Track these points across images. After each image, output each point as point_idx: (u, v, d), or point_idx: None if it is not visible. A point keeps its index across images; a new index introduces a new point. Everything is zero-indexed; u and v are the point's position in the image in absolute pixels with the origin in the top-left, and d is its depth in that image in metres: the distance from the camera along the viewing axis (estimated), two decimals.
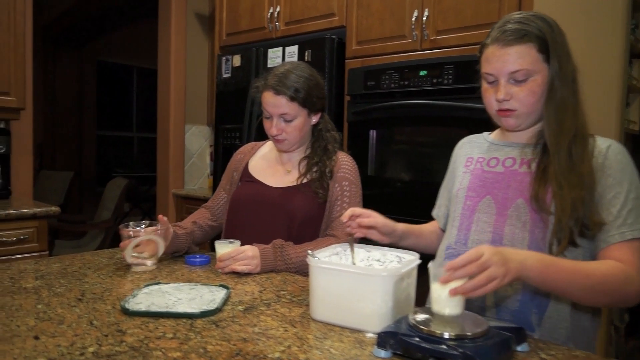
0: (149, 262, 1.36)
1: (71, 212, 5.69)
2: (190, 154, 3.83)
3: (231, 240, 1.39)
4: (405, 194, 2.33)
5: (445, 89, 2.18)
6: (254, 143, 1.75)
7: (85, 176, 6.73)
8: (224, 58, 3.12)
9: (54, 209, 2.44)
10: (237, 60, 3.04)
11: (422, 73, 2.25)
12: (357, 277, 0.93)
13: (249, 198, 1.55)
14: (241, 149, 1.74)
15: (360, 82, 2.47)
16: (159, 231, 1.37)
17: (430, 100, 2.22)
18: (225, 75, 3.12)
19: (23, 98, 2.65)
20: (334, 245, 1.15)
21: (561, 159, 1.08)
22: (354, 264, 1.08)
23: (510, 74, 1.09)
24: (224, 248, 1.35)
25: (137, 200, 6.73)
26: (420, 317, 0.85)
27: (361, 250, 1.12)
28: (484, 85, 1.17)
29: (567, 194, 1.04)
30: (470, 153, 1.28)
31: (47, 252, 2.40)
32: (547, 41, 1.09)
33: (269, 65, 2.84)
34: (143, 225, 1.40)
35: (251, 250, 1.34)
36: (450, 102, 2.15)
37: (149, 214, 6.81)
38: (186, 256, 1.46)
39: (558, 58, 1.09)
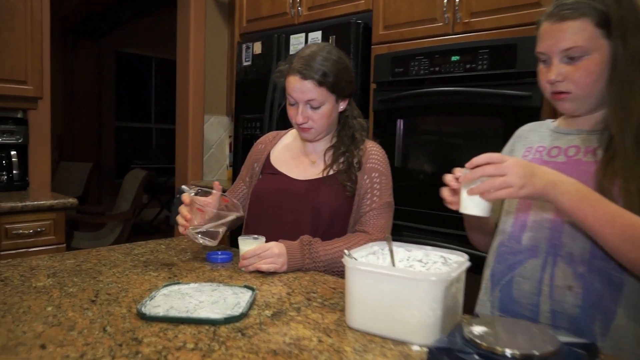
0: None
1: (90, 203, 5.69)
2: (209, 145, 3.75)
3: (255, 236, 1.29)
4: (434, 187, 2.20)
5: (479, 75, 2.04)
6: (275, 132, 1.65)
7: (104, 167, 6.73)
8: (244, 45, 3.02)
9: (72, 200, 2.37)
10: (257, 48, 2.93)
11: (454, 58, 2.12)
12: (402, 282, 0.82)
13: (272, 192, 1.45)
14: (262, 138, 1.64)
15: (388, 69, 2.34)
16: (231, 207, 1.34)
17: (463, 87, 2.08)
18: (245, 63, 3.02)
19: (40, 87, 2.59)
20: (370, 244, 1.04)
21: (627, 148, 0.95)
22: (393, 265, 0.97)
23: (563, 51, 0.98)
24: (247, 245, 1.25)
25: (155, 192, 6.70)
26: (477, 329, 0.74)
27: (400, 250, 1.01)
28: (539, 66, 1.06)
29: (634, 188, 0.92)
30: (530, 142, 1.16)
31: (64, 245, 2.34)
32: (609, 14, 0.96)
33: (291, 52, 2.73)
34: (196, 192, 1.31)
35: (277, 247, 1.24)
36: (485, 89, 2.02)
37: (167, 206, 6.79)
38: (207, 252, 1.37)
39: (622, 33, 0.97)
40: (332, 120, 1.43)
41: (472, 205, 0.90)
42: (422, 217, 2.22)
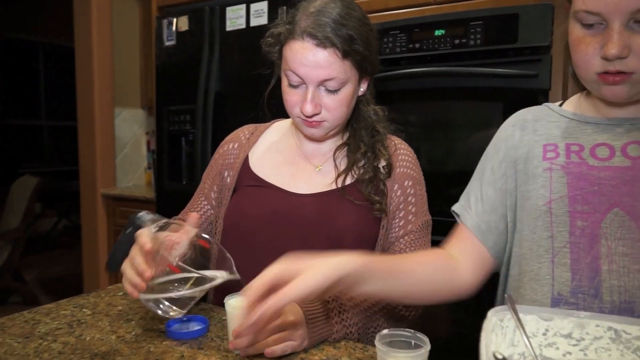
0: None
1: None
2: (122, 144, 3.11)
3: None
4: None
5: (471, 52, 1.71)
6: (253, 126, 1.17)
7: None
8: (165, 21, 2.45)
9: None
10: (183, 23, 2.38)
11: (439, 32, 1.76)
12: None
13: (263, 213, 0.98)
14: (233, 134, 1.16)
15: None
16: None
17: (451, 66, 1.74)
18: (168, 43, 2.45)
19: None
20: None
21: None
22: (531, 347, 0.57)
23: (633, 13, 0.65)
24: (241, 311, 0.78)
25: (51, 199, 5.77)
26: None
27: (531, 318, 0.61)
28: (577, 33, 0.71)
29: None
30: (546, 137, 0.83)
31: None
32: None
33: (228, 29, 2.23)
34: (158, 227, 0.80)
35: (290, 313, 0.78)
36: (479, 68, 1.69)
37: (66, 215, 5.89)
38: (167, 323, 0.87)
39: None
40: (351, 109, 0.99)
41: None
42: None
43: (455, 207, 0.93)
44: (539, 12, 1.58)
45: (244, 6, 2.18)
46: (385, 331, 0.68)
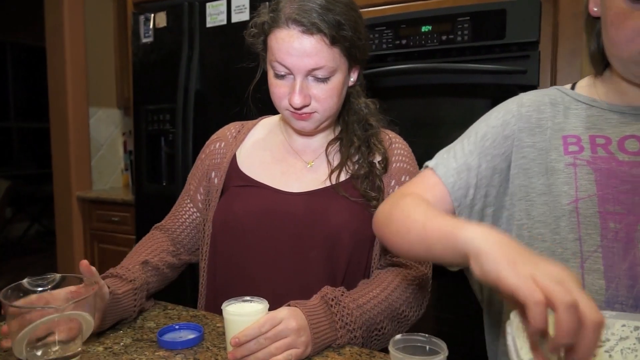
0: (68, 354, 0.70)
1: None
2: (98, 146, 3.01)
3: (247, 298, 0.78)
4: None
5: (458, 47, 1.69)
6: (239, 123, 1.12)
7: None
8: (141, 17, 2.37)
9: None
10: (161, 19, 2.31)
11: (426, 29, 1.74)
12: None
13: (254, 214, 0.93)
14: (219, 133, 1.11)
15: None
16: (84, 294, 0.71)
17: (439, 62, 1.72)
18: (145, 40, 2.37)
19: None
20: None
21: None
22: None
23: None
24: (241, 318, 0.73)
25: (22, 203, 5.58)
26: None
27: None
28: (622, 6, 0.65)
29: None
30: (564, 126, 0.76)
31: None
32: None
33: (209, 25, 2.17)
34: (46, 283, 0.75)
35: (292, 318, 0.74)
36: (466, 65, 1.67)
37: (38, 220, 5.70)
38: (159, 331, 0.82)
39: None
40: (341, 100, 0.96)
41: None
42: None
43: (430, 162, 0.83)
44: (526, 8, 1.57)
45: (224, 2, 2.12)
46: (398, 336, 0.64)
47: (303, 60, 0.86)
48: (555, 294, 0.46)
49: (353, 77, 0.98)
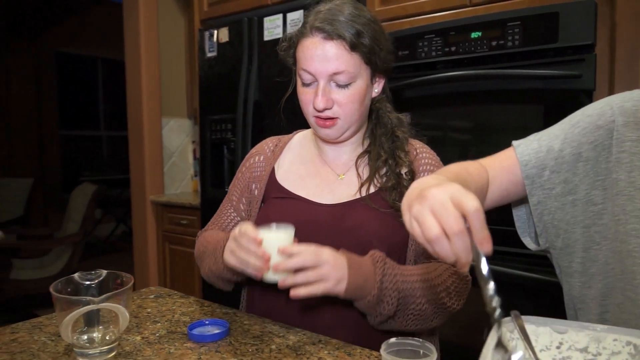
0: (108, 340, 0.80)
1: (33, 225, 5.02)
2: (170, 153, 3.23)
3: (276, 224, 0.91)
4: None
5: (509, 53, 1.65)
6: (276, 138, 1.19)
7: (49, 182, 6.02)
8: (206, 33, 2.53)
9: None
10: (223, 35, 2.45)
11: (475, 35, 1.72)
12: None
13: (290, 224, 1.00)
14: (258, 147, 1.18)
15: None
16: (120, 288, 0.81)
17: (489, 69, 1.69)
18: (209, 54, 2.53)
19: None
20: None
21: None
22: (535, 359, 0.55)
23: None
24: (280, 233, 0.86)
25: (109, 205, 6.07)
26: None
27: (543, 331, 0.59)
28: None
29: None
30: None
31: None
32: None
33: (266, 38, 2.27)
34: (94, 277, 0.85)
35: (331, 255, 0.83)
36: (519, 70, 1.63)
37: (123, 221, 6.17)
38: (190, 326, 0.90)
39: None
40: (364, 109, 1.00)
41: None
42: None
43: (516, 141, 0.87)
44: (580, 10, 1.51)
45: (280, 16, 2.21)
46: (392, 340, 0.67)
47: (324, 65, 0.92)
48: (425, 226, 0.56)
49: (377, 89, 1.01)
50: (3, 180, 4.83)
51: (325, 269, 0.80)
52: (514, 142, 0.87)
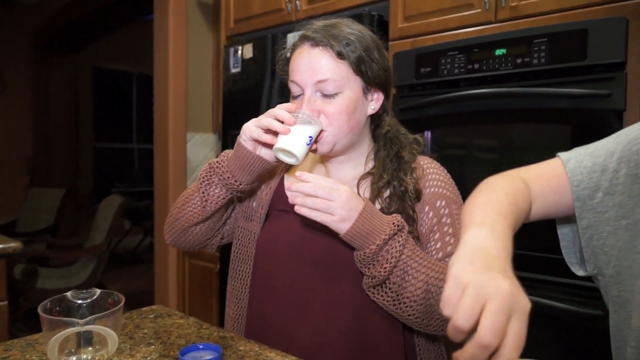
0: None
1: (64, 234, 5.14)
2: (193, 167, 3.25)
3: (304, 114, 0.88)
4: None
5: (535, 71, 1.59)
6: None
7: (80, 193, 6.17)
8: (231, 49, 2.55)
9: (14, 245, 1.85)
10: (248, 51, 2.47)
11: (500, 52, 1.66)
12: None
13: (291, 243, 0.96)
14: None
15: (411, 69, 1.88)
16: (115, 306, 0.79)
17: (514, 87, 1.63)
18: (234, 70, 2.54)
19: None
20: None
21: None
22: None
23: None
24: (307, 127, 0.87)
25: (138, 217, 6.17)
26: None
27: None
28: None
29: None
30: None
31: (5, 303, 1.83)
32: None
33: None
34: (87, 296, 0.83)
35: (346, 194, 0.82)
36: (545, 89, 1.56)
37: (150, 232, 6.25)
38: (182, 350, 0.86)
39: None
40: (356, 122, 0.95)
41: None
42: None
43: (564, 154, 0.80)
44: (610, 27, 1.44)
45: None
46: None
47: (309, 73, 0.90)
48: (459, 313, 0.48)
49: (374, 105, 0.97)
50: (37, 190, 4.97)
51: (334, 204, 0.80)
52: (562, 156, 0.78)
